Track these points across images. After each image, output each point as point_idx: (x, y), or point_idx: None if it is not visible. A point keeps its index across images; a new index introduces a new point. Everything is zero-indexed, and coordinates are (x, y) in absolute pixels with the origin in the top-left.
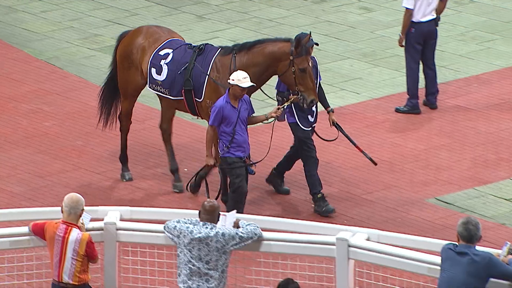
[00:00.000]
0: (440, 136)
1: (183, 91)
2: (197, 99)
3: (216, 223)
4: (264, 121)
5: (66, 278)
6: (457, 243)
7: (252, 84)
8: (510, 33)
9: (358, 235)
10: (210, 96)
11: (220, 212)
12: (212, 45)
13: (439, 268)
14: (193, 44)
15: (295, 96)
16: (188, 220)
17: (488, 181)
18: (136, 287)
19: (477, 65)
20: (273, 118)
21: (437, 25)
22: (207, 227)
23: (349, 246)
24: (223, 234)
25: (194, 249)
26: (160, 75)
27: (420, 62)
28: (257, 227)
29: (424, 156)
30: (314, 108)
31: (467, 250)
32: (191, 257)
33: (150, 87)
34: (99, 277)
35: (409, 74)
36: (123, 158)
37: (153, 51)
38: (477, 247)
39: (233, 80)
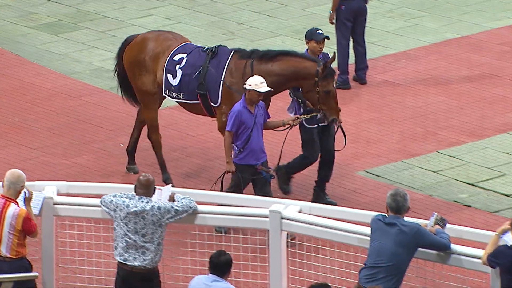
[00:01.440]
0: (369, 111)
1: (198, 95)
2: (213, 104)
3: (151, 197)
4: (277, 129)
5: (4, 251)
6: (386, 214)
7: (269, 89)
8: (437, 10)
9: (290, 208)
10: (225, 102)
11: (156, 186)
12: (225, 47)
13: (369, 238)
14: (206, 47)
15: (315, 112)
16: (124, 194)
17: (415, 154)
18: (73, 260)
19: (405, 41)
20: (289, 126)
21: (366, 2)
22: (143, 201)
23: (282, 218)
24: (158, 208)
25: (130, 223)
26: (175, 79)
27: (350, 39)
28: (192, 200)
29: (354, 130)
30: None
31: (396, 221)
32: (127, 231)
33: (166, 93)
34: (37, 250)
35: (339, 50)
36: (165, 177)
37: (167, 57)
38: (406, 218)
39: (250, 85)
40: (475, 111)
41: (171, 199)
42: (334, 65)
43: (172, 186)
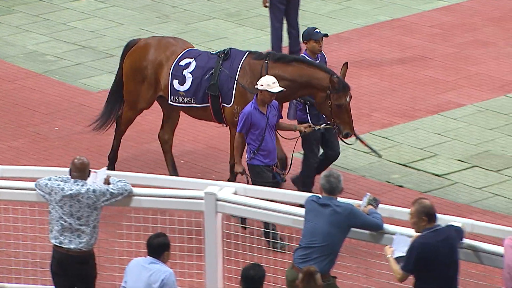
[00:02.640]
0: None
1: (209, 97)
2: (225, 104)
3: (87, 180)
4: (287, 136)
5: None
6: (320, 195)
7: (282, 88)
8: None
9: (225, 189)
10: (238, 102)
11: (91, 169)
12: (237, 49)
13: (303, 219)
14: (215, 51)
15: (330, 125)
16: (59, 177)
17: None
18: (9, 243)
19: (337, 24)
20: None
21: None
22: (78, 184)
23: (217, 200)
24: (94, 191)
25: (65, 206)
26: (183, 85)
27: (284, 22)
28: (127, 183)
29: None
30: None
31: (330, 202)
32: (62, 214)
33: (172, 101)
34: None
35: (273, 33)
36: (113, 159)
37: (172, 63)
38: (339, 199)
39: (261, 85)
40: (407, 93)
41: (106, 182)
42: (268, 47)
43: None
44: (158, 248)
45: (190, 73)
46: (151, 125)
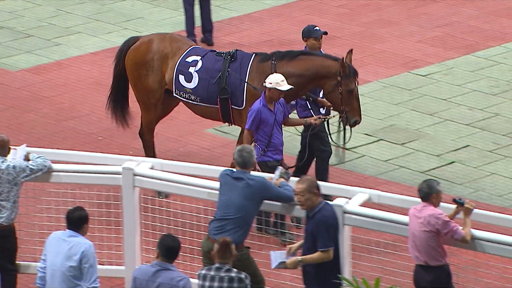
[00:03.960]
0: None
1: (218, 100)
2: (236, 107)
3: (7, 157)
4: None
5: None
6: (234, 169)
7: (290, 86)
8: None
9: (142, 164)
10: (251, 104)
11: (11, 146)
12: (242, 51)
13: (217, 192)
14: (219, 51)
15: (337, 114)
16: None
17: None
18: None
19: (249, 4)
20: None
21: None
22: None
23: (134, 175)
24: (14, 167)
25: None
26: (190, 82)
27: (197, 2)
28: (47, 159)
29: None
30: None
31: (243, 176)
32: None
33: (177, 94)
34: None
35: (185, 14)
36: None
37: (179, 58)
38: (252, 172)
39: (270, 83)
40: None
41: (26, 158)
42: (183, 27)
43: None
44: (77, 221)
45: (196, 71)
46: (70, 103)
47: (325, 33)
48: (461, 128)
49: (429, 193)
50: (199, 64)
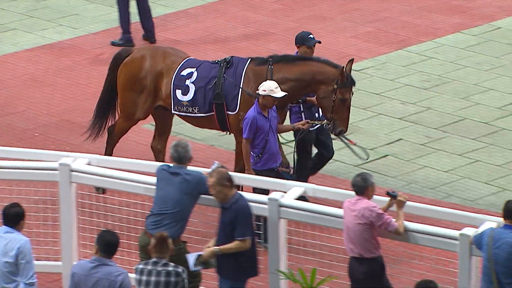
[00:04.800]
0: None
1: (213, 106)
2: (230, 112)
3: None
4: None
5: None
6: (171, 164)
7: (285, 93)
8: None
9: (79, 160)
10: (244, 109)
11: None
12: (238, 56)
13: (154, 187)
14: (215, 60)
15: (326, 122)
16: None
17: None
18: None
19: (184, 0)
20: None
21: None
22: None
23: (71, 170)
24: None
25: None
26: (186, 95)
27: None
28: None
29: None
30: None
31: (180, 170)
32: None
33: (175, 110)
34: None
35: (120, 11)
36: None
37: (174, 73)
38: (189, 167)
39: (264, 90)
40: None
41: None
42: (118, 24)
43: None
44: (13, 217)
45: (192, 83)
46: (6, 99)
47: (319, 42)
48: (394, 122)
49: (364, 186)
50: (195, 75)
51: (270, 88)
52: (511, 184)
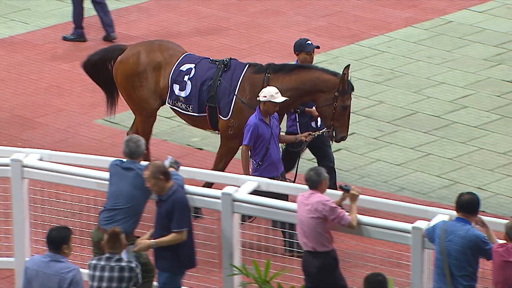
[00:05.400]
0: None
1: (207, 107)
2: (222, 117)
3: None
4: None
5: None
6: (124, 159)
7: (285, 98)
8: None
9: (31, 156)
10: (236, 116)
11: None
12: (237, 60)
13: (107, 182)
14: (213, 59)
15: (327, 130)
16: None
17: None
18: None
19: None
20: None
21: None
22: None
23: (23, 166)
24: None
25: None
26: (183, 91)
27: None
28: None
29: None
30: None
31: (133, 166)
32: None
33: (169, 103)
34: None
35: (75, 5)
36: None
37: (173, 67)
38: (142, 162)
39: (265, 96)
40: None
41: None
42: (70, 19)
43: None
44: None
45: (189, 79)
46: None
47: (317, 47)
48: None
49: (317, 180)
50: (193, 72)
51: (270, 93)
52: (462, 177)
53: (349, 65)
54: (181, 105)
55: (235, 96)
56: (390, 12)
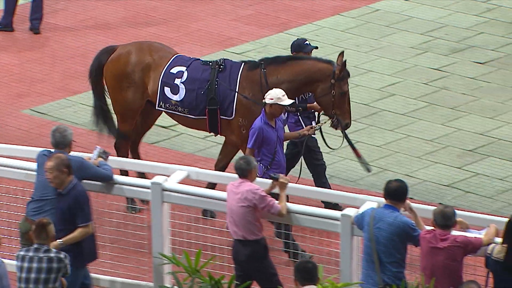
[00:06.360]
0: (32, 51)
1: (206, 110)
2: (225, 117)
3: None
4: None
5: None
6: (52, 150)
7: (292, 101)
8: None
9: None
10: (244, 114)
11: None
12: (230, 60)
13: (35, 173)
14: (204, 60)
15: (329, 120)
16: None
17: (78, 92)
18: None
19: None
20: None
21: None
22: None
23: None
24: None
25: None
26: (176, 94)
27: None
28: None
29: (18, 70)
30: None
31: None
32: None
33: (161, 107)
34: None
35: None
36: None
37: (163, 69)
38: (72, 153)
39: (271, 99)
40: None
41: None
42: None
43: None
44: None
45: (182, 83)
46: None
47: (316, 47)
48: None
49: (247, 169)
50: (185, 75)
51: (277, 96)
52: (391, 164)
53: (342, 51)
54: (175, 108)
55: (236, 93)
56: (318, 0)
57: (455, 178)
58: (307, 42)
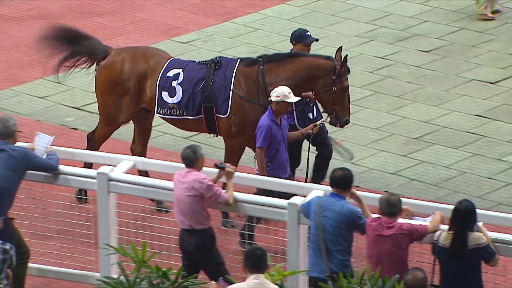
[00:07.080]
0: None
1: (202, 108)
2: (220, 115)
3: None
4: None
5: None
6: None
7: (299, 98)
8: None
9: None
10: (236, 112)
11: None
12: (226, 57)
13: None
14: (200, 60)
15: (329, 117)
16: None
17: (23, 81)
18: None
19: None
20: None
21: None
22: None
23: None
24: None
25: None
26: (173, 97)
27: None
28: None
29: None
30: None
31: (5, 147)
32: None
33: (159, 113)
34: None
35: None
36: None
37: (159, 74)
38: (18, 144)
39: (278, 96)
40: None
41: None
42: None
43: None
44: None
45: (179, 84)
46: None
47: (316, 39)
48: None
49: (193, 158)
50: (181, 76)
51: (283, 93)
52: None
53: (341, 46)
54: (173, 111)
55: (231, 91)
56: None
57: (400, 166)
58: (308, 33)
